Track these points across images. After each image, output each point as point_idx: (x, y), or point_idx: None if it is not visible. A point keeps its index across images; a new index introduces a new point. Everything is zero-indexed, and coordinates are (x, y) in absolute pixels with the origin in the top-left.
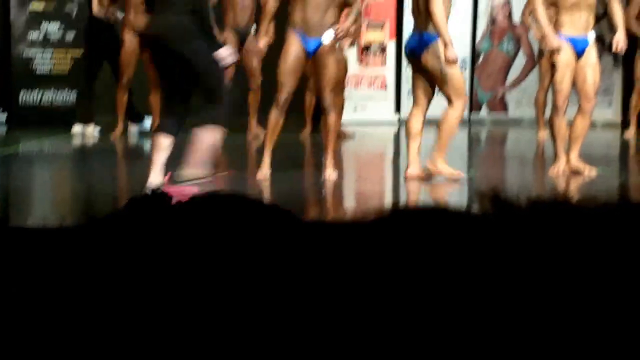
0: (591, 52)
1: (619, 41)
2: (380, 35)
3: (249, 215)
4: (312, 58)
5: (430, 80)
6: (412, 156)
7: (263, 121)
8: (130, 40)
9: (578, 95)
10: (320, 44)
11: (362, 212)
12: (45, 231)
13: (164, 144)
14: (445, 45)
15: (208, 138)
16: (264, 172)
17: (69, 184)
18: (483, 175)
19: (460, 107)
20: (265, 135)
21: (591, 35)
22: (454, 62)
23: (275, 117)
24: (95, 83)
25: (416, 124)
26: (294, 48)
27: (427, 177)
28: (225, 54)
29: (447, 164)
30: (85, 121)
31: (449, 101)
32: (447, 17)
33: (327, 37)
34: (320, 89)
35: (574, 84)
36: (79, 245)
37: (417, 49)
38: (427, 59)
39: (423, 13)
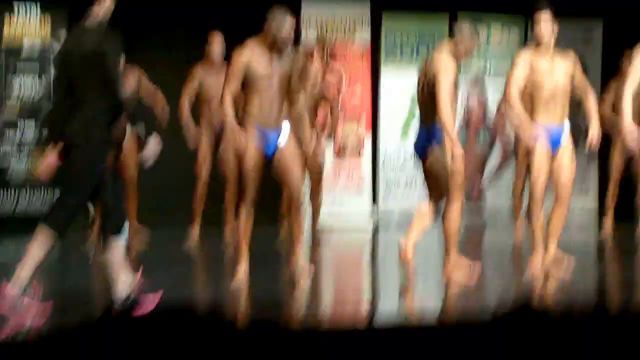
0: (566, 142)
1: (594, 133)
2: (357, 129)
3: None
4: (275, 154)
5: (437, 173)
6: (411, 234)
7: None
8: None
9: (554, 185)
10: (278, 138)
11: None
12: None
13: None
14: (452, 141)
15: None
16: (241, 273)
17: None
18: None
19: (459, 202)
20: (238, 234)
21: (566, 125)
22: (461, 157)
23: (245, 215)
24: None
25: (424, 207)
26: (254, 143)
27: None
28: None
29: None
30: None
31: (449, 197)
32: (455, 111)
33: (285, 133)
34: (288, 183)
35: (551, 174)
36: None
37: (426, 143)
38: (436, 152)
39: (429, 105)
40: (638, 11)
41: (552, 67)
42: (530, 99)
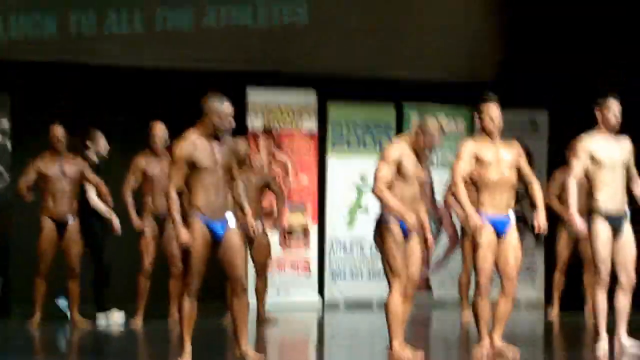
0: (512, 232)
1: (540, 222)
2: (303, 219)
3: None
4: (221, 243)
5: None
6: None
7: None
8: (48, 227)
9: (500, 275)
10: (225, 226)
11: None
12: None
13: None
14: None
15: None
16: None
17: None
18: None
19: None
20: (181, 325)
21: (512, 215)
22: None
23: (189, 305)
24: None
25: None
26: (200, 234)
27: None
28: None
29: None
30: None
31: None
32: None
33: (232, 221)
34: (236, 274)
35: (496, 264)
36: None
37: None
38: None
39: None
40: (581, 102)
41: (497, 157)
42: (475, 189)
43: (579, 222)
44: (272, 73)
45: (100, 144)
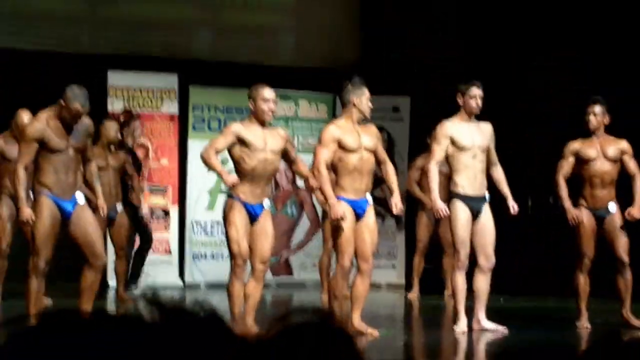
0: (369, 214)
1: (396, 203)
2: (163, 200)
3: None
4: (71, 219)
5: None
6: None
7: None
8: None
9: (357, 256)
10: (74, 205)
11: None
12: None
13: None
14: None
15: None
16: None
17: None
18: None
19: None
20: (27, 306)
21: (369, 197)
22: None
23: (36, 284)
24: None
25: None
26: (48, 212)
27: None
28: None
29: None
30: None
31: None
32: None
33: (81, 198)
34: (90, 245)
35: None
36: None
37: None
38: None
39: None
40: (441, 90)
41: (358, 142)
42: (335, 172)
43: (440, 206)
44: (135, 57)
45: None
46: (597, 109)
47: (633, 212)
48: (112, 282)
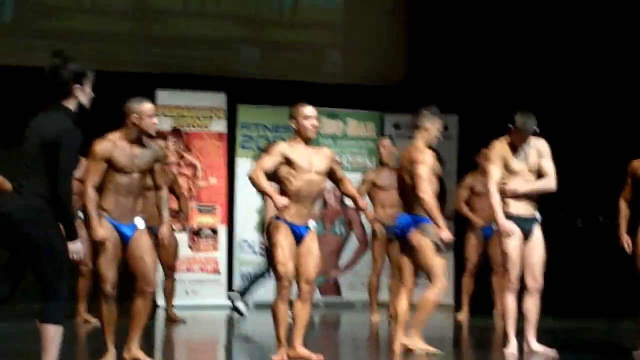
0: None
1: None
2: (212, 220)
3: None
4: (131, 244)
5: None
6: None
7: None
8: None
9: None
10: (134, 229)
11: None
12: None
13: None
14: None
15: (50, 334)
16: None
17: None
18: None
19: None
20: (102, 329)
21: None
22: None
23: (106, 308)
24: None
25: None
26: (109, 236)
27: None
28: (76, 249)
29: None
30: None
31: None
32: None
33: (140, 223)
34: (144, 273)
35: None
36: None
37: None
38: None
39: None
40: (491, 108)
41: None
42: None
43: (508, 227)
44: (183, 75)
45: None
46: None
47: None
48: (160, 301)
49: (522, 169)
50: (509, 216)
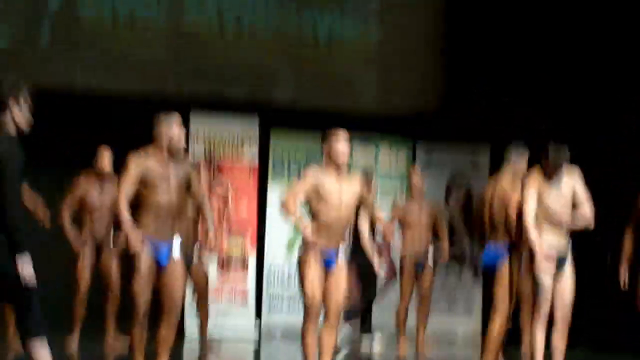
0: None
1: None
2: (242, 247)
3: None
4: (163, 273)
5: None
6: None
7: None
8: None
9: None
10: (169, 252)
11: None
12: None
13: None
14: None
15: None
16: None
17: None
18: None
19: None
20: (131, 353)
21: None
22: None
23: (139, 332)
24: None
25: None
26: (145, 259)
27: None
28: (27, 274)
29: None
30: None
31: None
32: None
33: (177, 248)
34: (172, 305)
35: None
36: None
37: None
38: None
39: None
40: (522, 137)
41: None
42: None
43: (543, 255)
44: (217, 101)
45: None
46: None
47: None
48: (189, 330)
49: (557, 199)
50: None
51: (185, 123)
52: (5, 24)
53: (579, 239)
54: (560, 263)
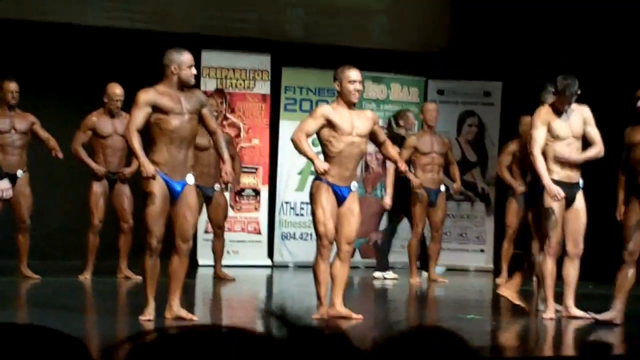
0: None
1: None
2: (254, 180)
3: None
4: (178, 199)
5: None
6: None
7: (133, 265)
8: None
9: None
10: (184, 186)
11: None
12: None
13: None
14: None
15: None
16: (149, 314)
17: None
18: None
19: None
20: (144, 284)
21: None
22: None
23: (151, 263)
24: None
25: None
26: (159, 191)
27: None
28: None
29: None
30: None
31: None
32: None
33: (190, 179)
34: (183, 229)
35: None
36: None
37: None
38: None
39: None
40: (533, 76)
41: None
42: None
43: (555, 191)
44: (228, 37)
45: None
46: None
47: None
48: (202, 260)
49: (567, 134)
50: (553, 182)
51: (197, 59)
52: None
53: (592, 172)
54: (571, 194)
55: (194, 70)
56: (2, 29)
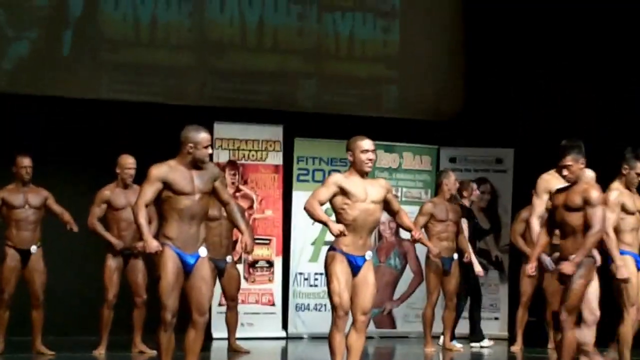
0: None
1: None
2: (267, 252)
3: None
4: (192, 272)
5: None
6: None
7: (147, 339)
8: (11, 256)
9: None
10: (197, 258)
11: None
12: None
13: None
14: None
15: None
16: None
17: None
18: None
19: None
20: (159, 359)
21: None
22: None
23: (166, 338)
24: None
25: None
26: (172, 264)
27: None
28: None
29: None
30: None
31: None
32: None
33: (203, 251)
34: (199, 302)
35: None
36: None
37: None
38: None
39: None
40: (546, 142)
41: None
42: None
43: (547, 262)
44: (240, 109)
45: None
46: None
47: None
48: (217, 333)
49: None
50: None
51: (210, 131)
52: (27, 32)
53: None
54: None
55: (209, 150)
56: (17, 104)
